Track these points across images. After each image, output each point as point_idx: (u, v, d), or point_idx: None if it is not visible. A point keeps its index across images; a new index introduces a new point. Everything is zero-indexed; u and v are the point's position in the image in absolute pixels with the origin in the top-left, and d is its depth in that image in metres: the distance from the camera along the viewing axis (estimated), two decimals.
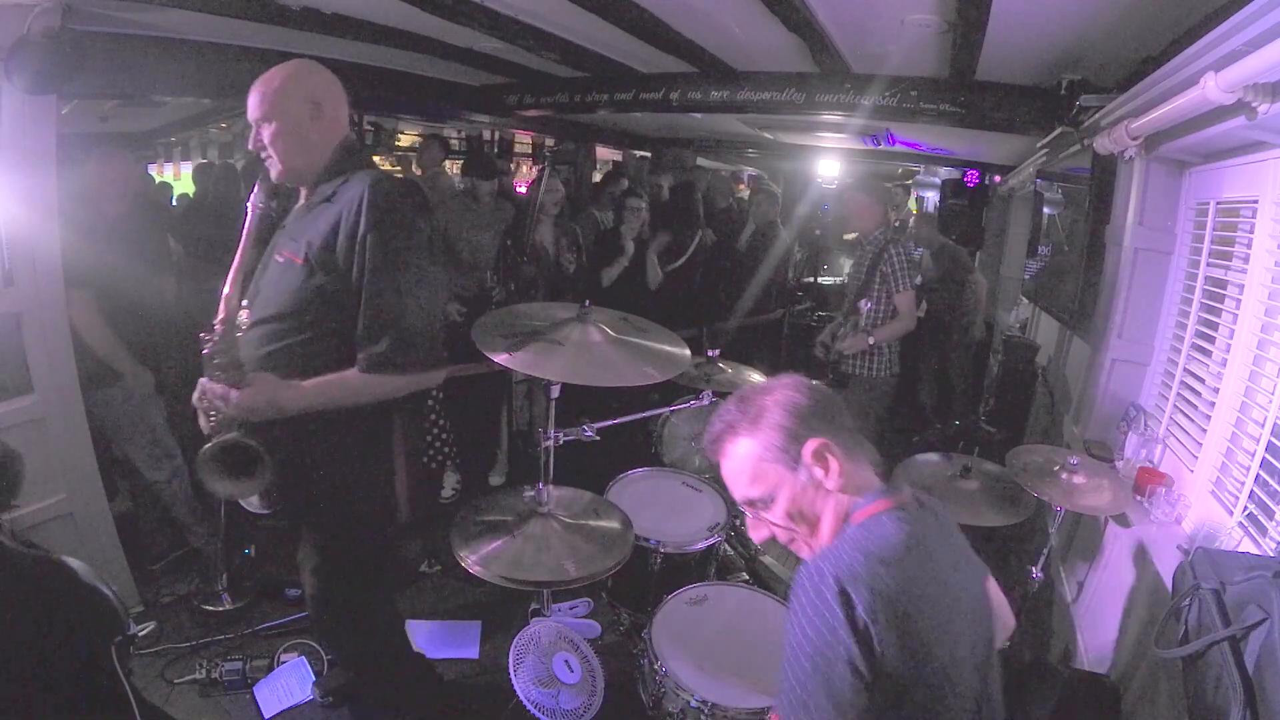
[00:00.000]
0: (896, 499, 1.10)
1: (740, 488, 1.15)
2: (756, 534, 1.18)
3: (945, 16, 2.41)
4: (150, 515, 2.91)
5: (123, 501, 2.95)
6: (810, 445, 1.09)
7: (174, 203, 5.42)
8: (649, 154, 7.28)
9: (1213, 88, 1.45)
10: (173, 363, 2.84)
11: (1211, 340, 2.14)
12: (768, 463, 1.11)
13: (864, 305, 3.30)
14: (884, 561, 0.98)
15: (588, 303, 2.03)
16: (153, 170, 6.01)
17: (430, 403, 3.64)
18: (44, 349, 2.37)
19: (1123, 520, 2.20)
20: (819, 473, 1.09)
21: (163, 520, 2.92)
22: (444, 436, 3.69)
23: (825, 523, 1.11)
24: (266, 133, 1.64)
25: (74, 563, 1.44)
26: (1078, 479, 2.15)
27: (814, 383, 1.19)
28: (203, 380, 1.55)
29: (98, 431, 2.57)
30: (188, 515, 2.90)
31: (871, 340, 3.28)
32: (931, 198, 8.52)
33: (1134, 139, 2.14)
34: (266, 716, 2.26)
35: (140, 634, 2.17)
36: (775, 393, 1.14)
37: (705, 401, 2.44)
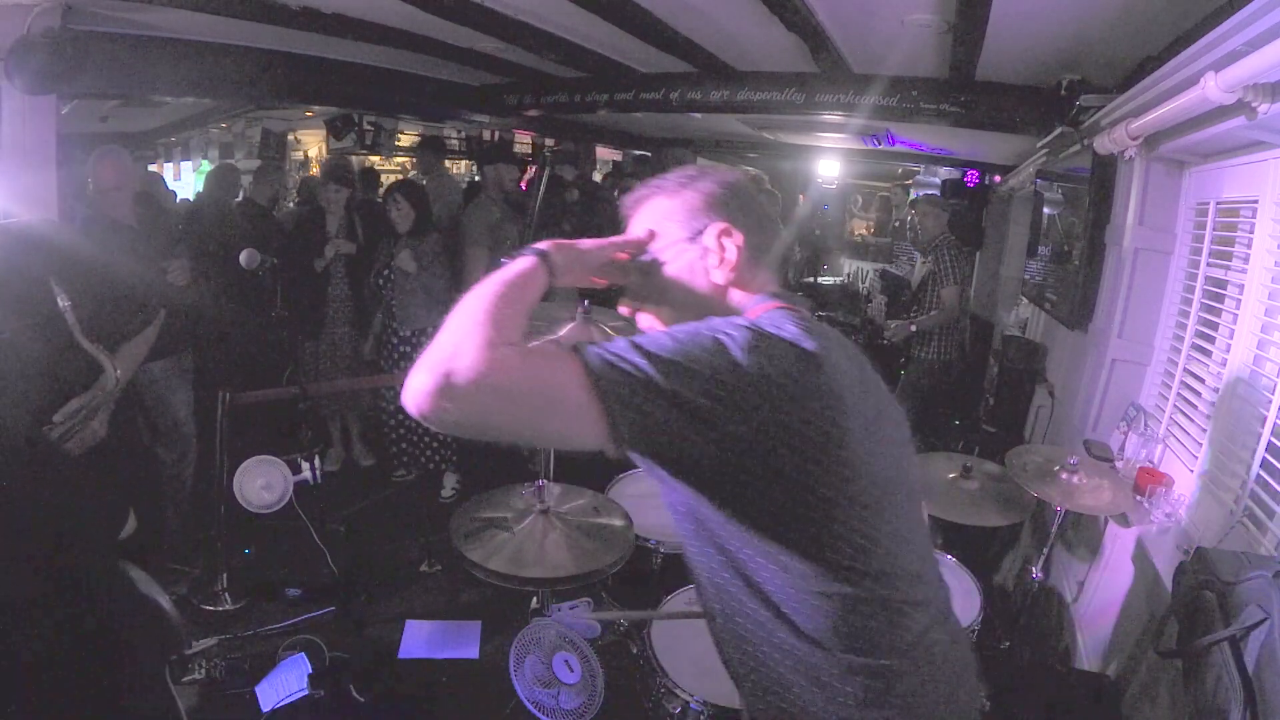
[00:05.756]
0: (796, 308, 1.00)
1: (632, 229, 1.07)
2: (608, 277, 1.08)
3: (945, 16, 2.40)
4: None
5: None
6: (719, 225, 1.01)
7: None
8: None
9: (1213, 88, 1.45)
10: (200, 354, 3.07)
11: (1211, 340, 2.14)
12: (669, 221, 1.04)
13: None
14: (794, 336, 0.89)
15: (587, 303, 2.03)
16: (153, 169, 6.00)
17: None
18: None
19: (1123, 520, 2.20)
20: (714, 259, 1.01)
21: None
22: (442, 438, 3.69)
23: (692, 313, 1.00)
24: None
25: (133, 571, 1.42)
26: (1077, 479, 2.15)
27: (766, 188, 1.11)
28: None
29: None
30: (175, 503, 2.97)
31: (913, 328, 3.99)
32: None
33: (1134, 139, 2.14)
34: (265, 710, 2.26)
35: (197, 652, 2.22)
36: (720, 173, 1.07)
37: None
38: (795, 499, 0.86)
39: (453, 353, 0.77)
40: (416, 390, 0.76)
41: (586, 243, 1.04)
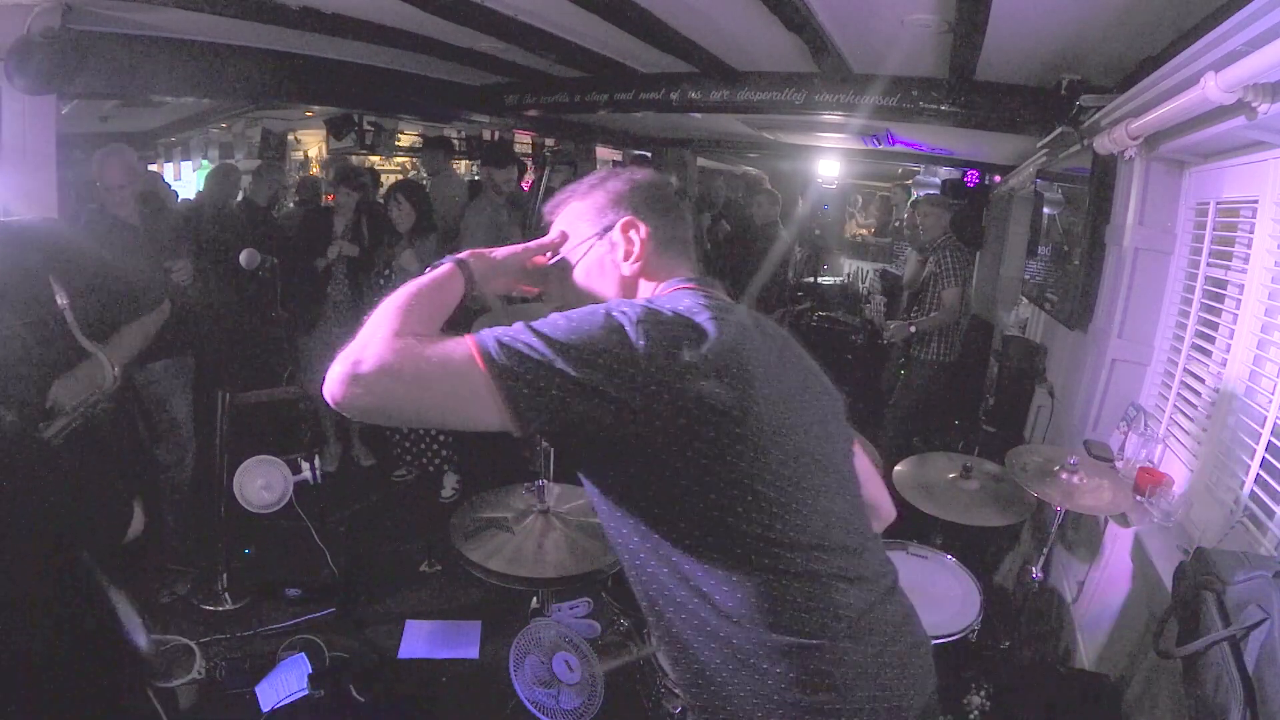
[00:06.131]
0: (704, 289, 1.03)
1: (551, 234, 1.14)
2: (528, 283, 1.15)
3: (945, 16, 2.40)
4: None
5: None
6: (624, 219, 1.06)
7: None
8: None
9: (1213, 88, 1.45)
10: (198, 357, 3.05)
11: (1211, 340, 2.14)
12: (580, 221, 1.10)
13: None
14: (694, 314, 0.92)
15: None
16: (153, 168, 6.00)
17: None
18: None
19: (1123, 520, 2.20)
20: (621, 251, 1.06)
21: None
22: (442, 438, 3.69)
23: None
24: None
25: (120, 606, 1.40)
26: (1077, 479, 2.15)
27: (672, 182, 1.17)
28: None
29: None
30: (174, 503, 2.97)
31: (912, 329, 3.91)
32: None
33: (1134, 139, 2.14)
34: (265, 710, 2.26)
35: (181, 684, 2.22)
36: (629, 172, 1.14)
37: None
38: (699, 468, 0.87)
39: (363, 344, 0.83)
40: (331, 379, 0.81)
41: (502, 251, 1.09)
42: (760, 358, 0.93)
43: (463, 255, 1.05)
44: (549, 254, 1.12)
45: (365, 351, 0.81)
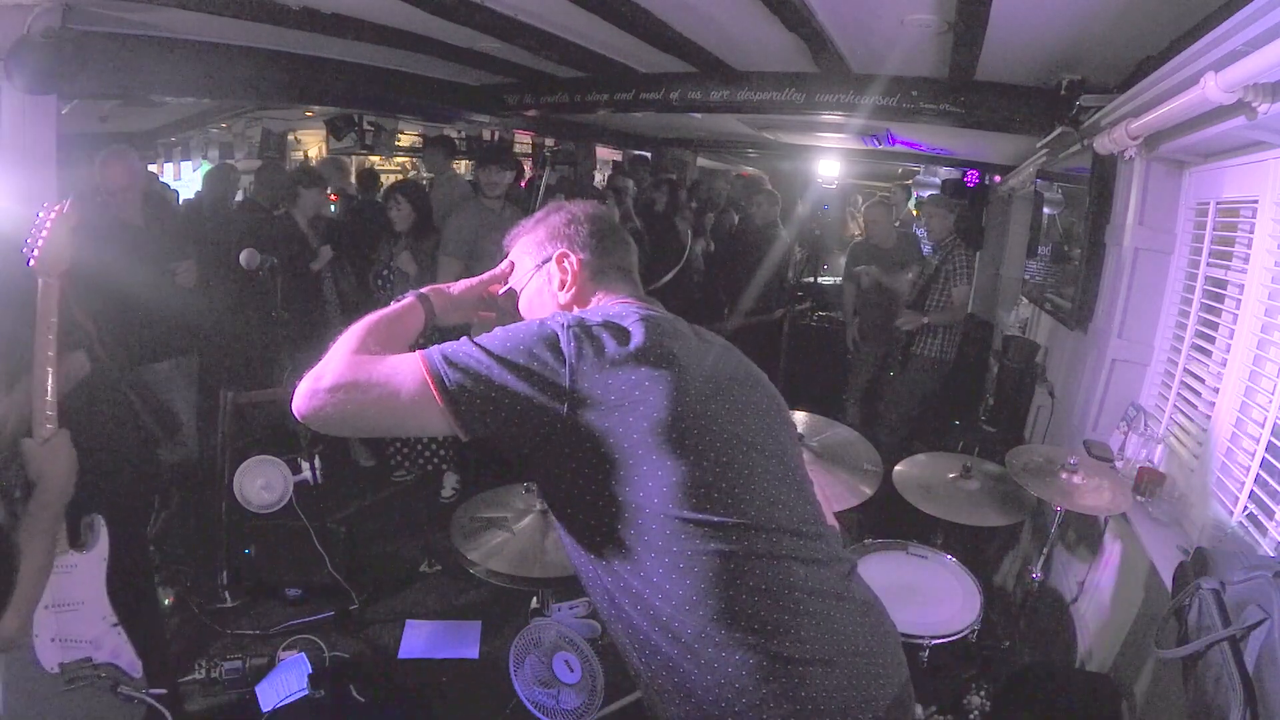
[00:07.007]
0: (633, 302, 1.12)
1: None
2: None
3: (945, 16, 2.40)
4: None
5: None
6: (559, 252, 1.15)
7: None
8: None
9: (1213, 88, 1.45)
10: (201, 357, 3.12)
11: (1211, 340, 2.14)
12: (524, 254, 1.20)
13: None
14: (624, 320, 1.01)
15: None
16: (152, 168, 5.99)
17: None
18: None
19: (1122, 520, 2.20)
20: (555, 283, 1.14)
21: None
22: (441, 438, 3.69)
23: None
24: None
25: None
26: (1077, 479, 2.15)
27: (612, 215, 1.24)
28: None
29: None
30: (175, 503, 2.97)
31: (926, 320, 3.91)
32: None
33: (1134, 139, 2.14)
34: (265, 710, 2.26)
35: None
36: (571, 206, 1.22)
37: None
38: (636, 458, 0.93)
39: (325, 362, 0.94)
40: (297, 394, 0.92)
41: (459, 285, 1.22)
42: (689, 351, 1.01)
43: (424, 290, 1.17)
44: (502, 284, 1.23)
45: (326, 368, 0.92)
